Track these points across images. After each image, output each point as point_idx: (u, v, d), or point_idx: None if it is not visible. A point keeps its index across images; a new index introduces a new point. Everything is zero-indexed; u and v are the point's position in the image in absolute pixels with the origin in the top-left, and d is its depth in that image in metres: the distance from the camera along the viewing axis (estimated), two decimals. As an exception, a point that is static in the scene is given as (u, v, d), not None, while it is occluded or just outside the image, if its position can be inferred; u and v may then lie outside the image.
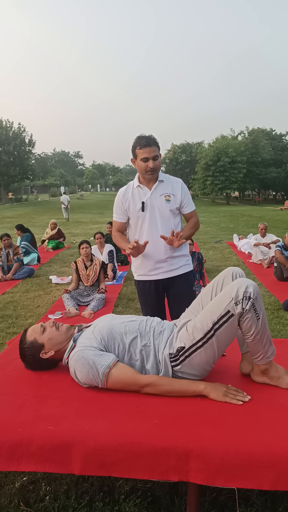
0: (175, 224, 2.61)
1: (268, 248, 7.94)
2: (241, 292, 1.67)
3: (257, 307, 1.69)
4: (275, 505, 1.76)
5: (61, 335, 1.92)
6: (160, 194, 2.56)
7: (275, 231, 11.35)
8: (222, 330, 1.71)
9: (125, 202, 2.63)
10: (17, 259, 6.97)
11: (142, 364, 1.81)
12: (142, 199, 2.57)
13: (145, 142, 2.41)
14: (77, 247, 6.10)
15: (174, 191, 2.59)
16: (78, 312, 4.80)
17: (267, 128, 56.38)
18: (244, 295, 1.66)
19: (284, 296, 5.34)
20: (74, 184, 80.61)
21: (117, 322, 1.91)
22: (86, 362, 1.72)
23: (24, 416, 1.58)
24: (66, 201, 19.69)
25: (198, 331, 1.75)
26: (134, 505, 1.74)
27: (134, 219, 2.62)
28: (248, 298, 1.66)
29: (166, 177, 2.63)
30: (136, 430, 1.49)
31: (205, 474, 1.41)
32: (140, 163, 2.45)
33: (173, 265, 2.61)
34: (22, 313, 4.94)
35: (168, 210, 2.56)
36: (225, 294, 1.72)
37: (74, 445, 1.46)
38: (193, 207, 2.68)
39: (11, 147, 41.45)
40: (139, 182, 2.60)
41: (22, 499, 1.81)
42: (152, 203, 2.56)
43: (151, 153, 2.41)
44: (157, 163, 2.45)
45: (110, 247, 6.75)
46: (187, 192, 2.67)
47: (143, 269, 2.64)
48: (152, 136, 2.47)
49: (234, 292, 1.68)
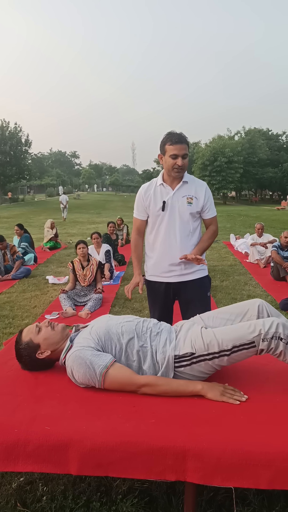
0: (194, 228, 2.54)
1: (265, 248, 7.96)
2: (271, 332, 1.70)
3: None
4: (272, 504, 1.77)
5: (56, 335, 1.91)
6: (183, 196, 2.49)
7: (271, 231, 11.38)
8: (238, 353, 1.75)
9: (146, 200, 2.56)
10: (17, 257, 6.97)
11: (139, 364, 1.81)
12: (163, 198, 2.50)
13: (177, 139, 2.34)
14: (73, 247, 6.08)
15: (197, 194, 2.51)
16: (75, 312, 4.79)
17: (264, 128, 56.51)
18: (275, 335, 1.70)
19: (281, 296, 5.35)
20: (71, 184, 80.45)
21: (114, 322, 1.91)
22: (83, 362, 1.72)
23: (20, 416, 1.58)
24: (65, 200, 19.90)
25: (215, 345, 1.76)
26: (132, 505, 1.74)
27: (153, 217, 2.56)
28: (279, 339, 1.70)
29: (191, 178, 2.55)
30: (133, 430, 1.49)
31: (202, 474, 1.41)
32: (168, 160, 2.38)
33: (187, 269, 2.54)
34: (18, 313, 4.93)
35: (188, 213, 2.49)
36: (255, 325, 1.74)
37: (71, 445, 1.46)
38: (214, 213, 2.60)
39: (7, 147, 41.28)
40: (163, 180, 2.53)
41: (19, 499, 1.80)
42: (173, 203, 2.49)
43: (181, 151, 2.35)
44: (185, 161, 2.38)
45: (107, 247, 6.75)
46: (210, 197, 2.58)
47: (156, 270, 2.60)
48: (183, 133, 2.40)
49: (265, 329, 1.71)
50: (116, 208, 31.31)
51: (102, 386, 1.73)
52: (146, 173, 67.07)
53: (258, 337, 1.71)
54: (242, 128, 55.62)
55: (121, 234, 10.40)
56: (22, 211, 26.97)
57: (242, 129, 53.74)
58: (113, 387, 1.73)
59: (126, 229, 10.68)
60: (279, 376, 1.92)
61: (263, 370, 1.99)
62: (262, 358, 2.12)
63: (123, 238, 10.35)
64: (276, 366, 2.02)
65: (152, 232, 2.59)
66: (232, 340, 1.74)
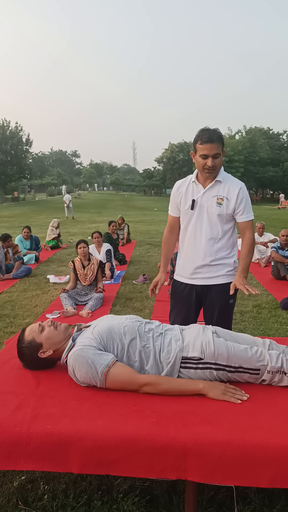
0: (223, 232, 2.39)
1: (266, 247, 7.96)
2: (277, 366, 1.80)
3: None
4: (272, 502, 1.77)
5: (59, 335, 1.92)
6: (213, 196, 2.35)
7: (272, 230, 11.37)
8: (241, 375, 1.82)
9: (178, 196, 2.46)
10: (18, 257, 6.98)
11: (141, 365, 1.82)
12: (193, 197, 2.39)
13: (207, 138, 2.18)
14: (74, 246, 6.08)
15: (230, 195, 2.34)
16: (76, 312, 4.80)
17: (265, 127, 56.47)
18: (280, 369, 1.79)
19: (282, 295, 5.36)
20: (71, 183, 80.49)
21: (116, 322, 1.92)
22: (85, 361, 1.73)
23: (22, 415, 1.58)
24: (68, 199, 20.04)
25: (224, 358, 1.79)
26: (133, 503, 1.74)
27: (183, 216, 2.47)
28: (283, 373, 1.80)
29: (226, 177, 2.39)
30: (134, 428, 1.50)
31: (203, 472, 1.42)
32: (199, 159, 2.26)
33: (211, 273, 2.43)
34: (20, 312, 4.93)
35: (216, 214, 2.35)
36: (264, 355, 1.82)
37: (72, 444, 1.46)
38: (248, 217, 2.38)
39: (8, 146, 41.31)
40: (196, 177, 2.41)
41: (20, 498, 1.81)
42: (202, 203, 2.37)
43: (212, 151, 2.20)
44: (217, 161, 2.24)
45: (108, 246, 6.75)
46: (246, 198, 2.37)
47: (181, 270, 2.53)
48: (217, 130, 2.25)
49: (271, 361, 1.80)
50: (117, 207, 31.31)
51: (103, 385, 1.74)
52: (147, 173, 67.01)
53: (264, 367, 1.79)
54: (243, 127, 55.66)
55: (122, 233, 10.41)
56: (23, 211, 26.97)
57: (243, 128, 53.76)
58: (115, 386, 1.74)
59: (127, 229, 10.68)
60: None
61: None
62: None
63: (124, 237, 10.35)
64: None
65: (182, 230, 2.51)
66: (241, 361, 1.79)
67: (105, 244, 6.80)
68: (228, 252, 2.44)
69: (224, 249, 2.43)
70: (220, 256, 2.42)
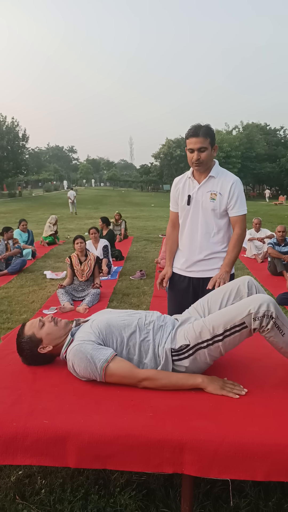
0: (218, 227, 2.44)
1: (262, 243, 7.98)
2: (262, 310, 1.67)
3: (280, 325, 1.71)
4: (268, 496, 1.79)
5: (59, 330, 1.92)
6: (207, 191, 2.40)
7: (269, 226, 11.41)
8: (231, 337, 1.74)
9: (176, 192, 2.55)
10: (17, 246, 7.18)
11: (140, 358, 1.82)
12: (189, 192, 2.46)
13: (192, 132, 2.27)
14: (71, 242, 6.08)
15: (222, 190, 2.38)
16: (73, 307, 4.80)
17: (262, 123, 56.44)
18: (266, 313, 1.68)
19: (278, 290, 5.38)
20: (68, 179, 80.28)
21: (115, 316, 1.92)
22: (84, 356, 1.73)
23: (19, 410, 1.59)
24: (73, 196, 20.90)
25: (207, 333, 1.76)
26: (129, 497, 1.76)
27: (181, 211, 2.54)
28: (270, 317, 1.68)
29: (220, 172, 2.44)
30: (130, 423, 1.50)
31: (199, 466, 1.43)
32: (188, 154, 2.35)
33: (206, 266, 2.48)
34: (16, 308, 4.93)
35: (210, 209, 2.40)
36: (244, 305, 1.73)
37: (69, 439, 1.47)
38: (241, 212, 2.40)
39: (4, 142, 41.15)
40: (192, 174, 2.47)
41: (17, 492, 1.82)
42: (197, 198, 2.43)
43: (197, 144, 2.27)
44: (203, 155, 2.29)
45: (105, 242, 6.75)
46: (238, 193, 2.39)
47: (180, 264, 2.58)
48: (206, 125, 2.31)
49: (254, 308, 1.69)
50: (114, 203, 31.27)
51: (103, 380, 1.74)
52: (144, 168, 66.90)
53: (248, 317, 1.69)
54: (240, 122, 55.62)
55: (119, 229, 10.39)
56: (20, 206, 26.89)
57: (240, 123, 53.71)
58: (114, 381, 1.74)
59: (124, 225, 10.66)
60: (276, 370, 1.94)
61: (260, 365, 2.00)
62: (259, 352, 2.14)
63: (121, 233, 10.33)
64: (273, 360, 2.03)
65: (181, 225, 2.58)
66: (223, 324, 1.73)
67: (102, 240, 6.79)
68: (224, 247, 2.49)
69: (219, 244, 2.48)
70: (215, 250, 2.47)
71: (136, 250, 9.08)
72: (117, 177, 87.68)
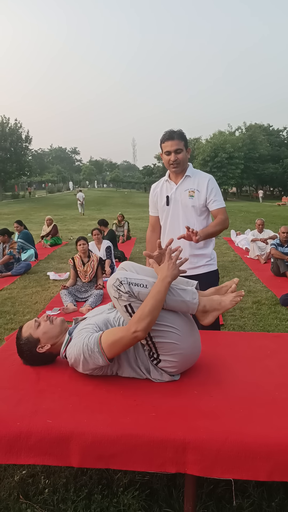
0: (199, 221, 2.59)
1: (265, 244, 7.96)
2: (116, 284, 1.67)
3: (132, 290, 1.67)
4: (271, 496, 1.79)
5: (55, 328, 1.93)
6: (185, 189, 2.57)
7: (272, 227, 11.37)
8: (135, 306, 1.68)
9: (154, 196, 2.71)
10: (10, 253, 6.95)
11: (136, 353, 1.81)
12: (167, 193, 2.62)
13: (168, 136, 2.46)
14: (74, 243, 6.09)
15: (200, 187, 2.56)
16: (76, 308, 4.81)
17: (265, 124, 56.40)
18: (115, 283, 1.67)
19: (281, 291, 5.37)
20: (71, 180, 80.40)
21: (113, 315, 1.92)
22: (80, 346, 1.72)
23: (22, 410, 1.60)
24: (82, 197, 21.90)
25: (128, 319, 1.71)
26: (133, 497, 1.76)
27: (161, 212, 2.69)
28: (120, 283, 1.66)
29: (195, 172, 2.62)
30: (134, 423, 1.51)
31: (202, 466, 1.43)
32: (164, 157, 2.52)
33: (192, 264, 2.57)
34: (20, 309, 4.95)
35: (190, 206, 2.56)
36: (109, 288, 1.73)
37: (72, 438, 1.48)
38: (220, 205, 2.60)
39: (7, 143, 41.30)
40: (169, 177, 2.65)
41: (21, 492, 1.83)
42: (176, 197, 2.59)
43: (173, 146, 2.45)
44: (180, 156, 2.47)
45: (108, 243, 6.76)
46: (215, 188, 2.59)
47: None
48: (179, 130, 2.50)
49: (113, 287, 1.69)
50: (117, 204, 31.33)
51: (103, 354, 1.67)
52: (147, 169, 66.95)
53: (115, 292, 1.68)
54: (243, 123, 55.61)
55: (122, 230, 10.40)
56: (23, 208, 26.96)
57: (243, 124, 53.69)
58: (115, 350, 1.67)
59: (127, 226, 10.67)
60: (279, 370, 1.94)
61: (262, 365, 2.00)
62: (261, 353, 2.14)
63: (124, 234, 10.34)
64: (275, 360, 2.04)
65: (162, 226, 2.71)
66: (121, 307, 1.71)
67: (105, 241, 6.81)
68: (204, 243, 2.61)
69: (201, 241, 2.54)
70: (197, 246, 2.58)
71: (139, 251, 9.08)
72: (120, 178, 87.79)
